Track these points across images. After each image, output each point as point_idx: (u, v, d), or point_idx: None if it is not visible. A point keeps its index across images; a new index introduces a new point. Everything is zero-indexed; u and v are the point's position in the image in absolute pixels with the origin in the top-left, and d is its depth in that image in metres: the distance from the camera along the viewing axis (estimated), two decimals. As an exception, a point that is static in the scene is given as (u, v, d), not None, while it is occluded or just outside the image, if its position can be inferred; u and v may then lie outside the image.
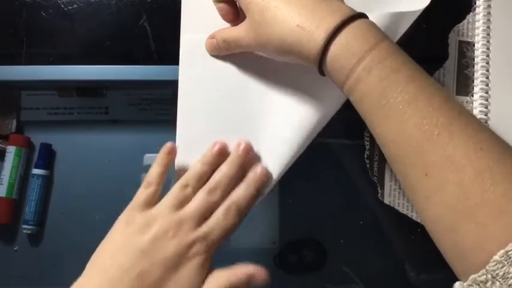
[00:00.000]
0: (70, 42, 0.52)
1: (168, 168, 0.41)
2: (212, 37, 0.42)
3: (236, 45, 0.40)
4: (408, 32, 0.40)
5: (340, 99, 0.41)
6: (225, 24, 0.42)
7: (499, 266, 0.27)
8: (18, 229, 0.51)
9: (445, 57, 0.46)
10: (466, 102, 0.45)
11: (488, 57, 0.45)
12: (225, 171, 0.39)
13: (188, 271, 0.37)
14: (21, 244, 0.51)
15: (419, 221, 0.43)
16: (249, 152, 0.40)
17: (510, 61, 0.45)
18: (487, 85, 0.45)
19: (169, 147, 0.41)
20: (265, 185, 0.40)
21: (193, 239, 0.37)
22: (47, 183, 0.52)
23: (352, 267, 0.51)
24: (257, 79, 0.42)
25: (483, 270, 0.28)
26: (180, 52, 0.42)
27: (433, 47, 0.49)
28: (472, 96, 0.45)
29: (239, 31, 0.39)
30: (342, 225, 0.52)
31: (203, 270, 0.37)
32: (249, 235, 0.39)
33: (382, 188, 0.50)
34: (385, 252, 0.51)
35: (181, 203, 0.39)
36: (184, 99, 0.42)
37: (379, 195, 0.49)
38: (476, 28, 0.46)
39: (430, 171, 0.31)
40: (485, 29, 0.45)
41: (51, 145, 0.52)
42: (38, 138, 0.52)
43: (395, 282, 0.52)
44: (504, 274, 0.27)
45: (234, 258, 0.39)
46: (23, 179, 0.52)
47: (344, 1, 0.37)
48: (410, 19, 0.40)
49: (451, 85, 0.45)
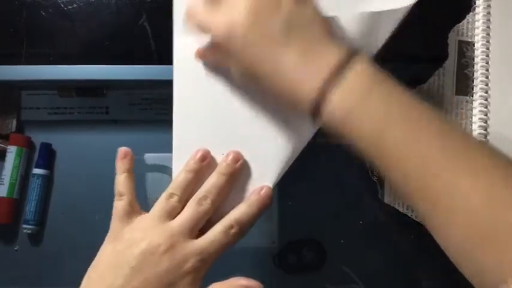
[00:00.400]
0: (70, 42, 0.52)
1: (130, 171, 0.40)
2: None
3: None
4: (408, 32, 0.40)
5: None
6: None
7: None
8: (19, 229, 0.51)
9: (444, 57, 0.46)
10: (466, 102, 0.45)
11: (488, 57, 0.45)
12: (214, 181, 0.38)
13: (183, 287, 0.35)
14: (21, 244, 0.51)
15: (419, 221, 0.43)
16: (238, 161, 0.39)
17: (510, 61, 0.45)
18: (486, 85, 0.45)
19: (121, 152, 0.40)
20: (268, 205, 0.39)
21: (187, 253, 0.36)
22: (47, 183, 0.52)
23: (352, 267, 0.51)
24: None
25: None
26: (174, 58, 0.40)
27: (432, 47, 0.49)
28: (472, 96, 0.45)
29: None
30: (342, 225, 0.52)
31: (197, 286, 0.36)
32: (249, 235, 0.39)
33: (382, 187, 0.50)
34: (385, 252, 0.51)
35: (169, 213, 0.38)
36: (180, 107, 0.41)
37: (379, 195, 0.49)
38: (476, 28, 0.46)
39: (438, 201, 0.30)
40: (485, 29, 0.45)
41: (51, 145, 0.52)
42: (38, 138, 0.52)
43: (395, 282, 0.52)
44: None
45: (233, 258, 0.39)
46: (23, 179, 0.52)
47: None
48: (397, 17, 0.38)
49: (451, 85, 0.45)
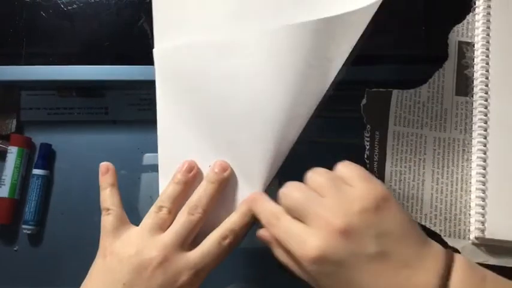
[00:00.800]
0: (70, 42, 0.52)
1: (114, 185, 0.40)
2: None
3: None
4: (408, 32, 0.40)
5: (311, 109, 0.39)
6: (203, 26, 0.40)
7: None
8: (19, 229, 0.51)
9: (444, 57, 0.46)
10: (466, 102, 0.45)
11: (488, 57, 0.45)
12: (204, 190, 0.39)
13: None
14: (21, 244, 0.51)
15: (417, 221, 0.43)
16: (226, 169, 0.39)
17: (510, 61, 0.45)
18: (486, 85, 0.45)
19: (103, 167, 0.41)
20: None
21: (181, 267, 0.36)
22: (47, 183, 0.52)
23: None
24: (238, 90, 0.40)
25: None
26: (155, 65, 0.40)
27: (432, 47, 0.49)
28: (472, 96, 0.45)
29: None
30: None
31: None
32: (249, 235, 0.39)
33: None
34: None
35: (160, 226, 0.37)
36: (164, 122, 0.41)
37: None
38: (476, 28, 0.46)
39: None
40: (485, 29, 0.45)
41: (51, 145, 0.52)
42: (38, 138, 0.52)
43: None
44: None
45: (233, 258, 0.39)
46: (24, 180, 0.52)
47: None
48: (365, 17, 0.37)
49: (451, 85, 0.45)
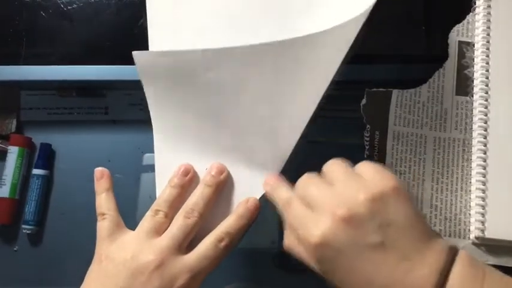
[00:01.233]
0: (70, 42, 0.52)
1: (109, 190, 0.40)
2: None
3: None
4: (408, 32, 0.40)
5: (309, 112, 0.39)
6: (198, 31, 0.41)
7: None
8: (19, 229, 0.51)
9: (444, 57, 0.46)
10: (466, 102, 0.45)
11: (488, 57, 0.45)
12: (200, 193, 0.39)
13: None
14: (21, 244, 0.51)
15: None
16: (222, 172, 0.39)
17: (510, 61, 0.45)
18: (486, 85, 0.45)
19: (98, 172, 0.41)
20: (256, 216, 0.39)
21: (178, 270, 0.35)
22: (47, 183, 0.52)
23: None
24: (232, 96, 0.40)
25: None
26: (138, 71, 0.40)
27: (433, 47, 0.49)
28: (472, 96, 0.45)
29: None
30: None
31: None
32: (248, 235, 0.39)
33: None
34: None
35: (157, 230, 0.37)
36: (159, 124, 0.41)
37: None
38: (476, 28, 0.46)
39: None
40: (485, 29, 0.45)
41: (51, 145, 0.52)
42: (38, 138, 0.52)
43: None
44: None
45: (233, 258, 0.39)
46: (24, 179, 0.52)
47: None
48: (356, 26, 0.36)
49: (451, 85, 0.45)
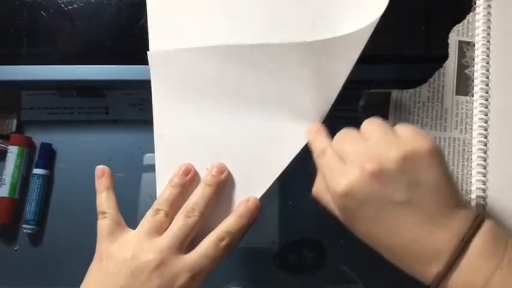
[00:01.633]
0: (70, 42, 0.52)
1: (110, 189, 0.40)
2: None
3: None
4: (408, 32, 0.40)
5: (320, 114, 0.40)
6: (200, 31, 0.41)
7: None
8: (19, 229, 0.51)
9: (445, 57, 0.46)
10: (466, 102, 0.45)
11: (488, 57, 0.45)
12: (201, 192, 0.39)
13: None
14: (21, 244, 0.51)
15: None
16: (223, 172, 0.39)
17: (510, 61, 0.45)
18: (487, 85, 0.45)
19: (99, 171, 0.41)
20: (256, 215, 0.39)
21: (178, 270, 0.35)
22: (47, 182, 0.52)
23: (352, 267, 0.51)
24: (237, 96, 0.40)
25: None
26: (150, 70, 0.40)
27: (433, 47, 0.49)
28: (472, 96, 0.45)
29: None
30: (342, 225, 0.52)
31: None
32: (248, 235, 0.39)
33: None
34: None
35: (157, 229, 0.37)
36: (160, 123, 0.42)
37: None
38: (476, 28, 0.46)
39: None
40: (485, 29, 0.45)
41: (51, 145, 0.52)
42: (38, 138, 0.52)
43: (395, 282, 0.52)
44: None
45: (233, 258, 0.39)
46: (24, 179, 0.52)
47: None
48: (364, 36, 0.38)
49: (451, 85, 0.45)
